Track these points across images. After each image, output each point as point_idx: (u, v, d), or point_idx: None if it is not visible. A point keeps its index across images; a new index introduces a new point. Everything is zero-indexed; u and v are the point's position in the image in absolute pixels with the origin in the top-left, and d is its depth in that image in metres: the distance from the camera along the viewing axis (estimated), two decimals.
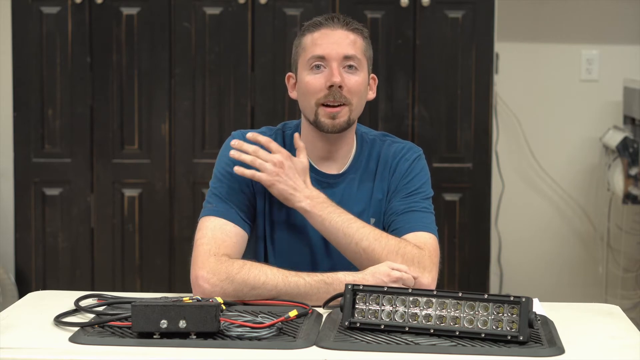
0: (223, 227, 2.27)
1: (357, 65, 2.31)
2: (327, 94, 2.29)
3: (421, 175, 2.39)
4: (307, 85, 2.31)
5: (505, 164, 4.53)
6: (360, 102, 2.34)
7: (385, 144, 2.42)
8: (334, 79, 2.28)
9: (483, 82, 4.01)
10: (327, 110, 2.30)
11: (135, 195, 4.05)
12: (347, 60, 2.30)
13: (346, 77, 2.30)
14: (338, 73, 2.29)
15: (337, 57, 2.29)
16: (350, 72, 2.31)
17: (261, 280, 2.15)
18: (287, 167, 2.27)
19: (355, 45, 2.32)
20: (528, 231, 4.59)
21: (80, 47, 4.00)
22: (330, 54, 2.29)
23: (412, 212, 2.33)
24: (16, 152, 4.05)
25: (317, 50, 2.30)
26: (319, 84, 2.30)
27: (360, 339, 1.91)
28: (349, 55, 2.30)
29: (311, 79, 2.31)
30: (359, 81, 2.31)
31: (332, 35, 2.32)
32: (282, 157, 2.28)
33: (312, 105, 2.31)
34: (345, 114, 2.31)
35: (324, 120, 2.31)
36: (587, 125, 4.54)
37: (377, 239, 2.22)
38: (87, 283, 4.03)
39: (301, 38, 2.36)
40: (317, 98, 2.30)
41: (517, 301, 1.89)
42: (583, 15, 4.50)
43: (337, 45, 2.30)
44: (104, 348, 1.85)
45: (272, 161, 2.26)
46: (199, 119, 4.02)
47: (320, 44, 2.30)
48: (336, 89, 2.28)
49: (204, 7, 3.99)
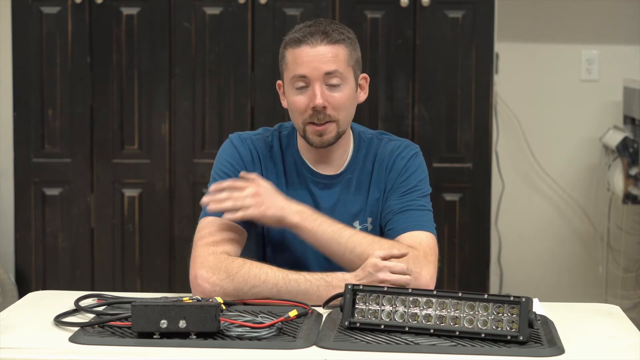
0: (222, 227, 2.27)
1: (340, 79, 2.29)
2: (312, 114, 2.28)
3: (418, 173, 2.38)
4: (293, 105, 2.31)
5: (505, 164, 4.53)
6: (348, 113, 2.32)
7: (382, 142, 2.42)
8: (316, 102, 2.26)
9: (483, 82, 4.00)
10: (314, 128, 2.30)
11: (135, 195, 4.05)
12: (329, 77, 2.27)
13: (329, 96, 2.27)
14: (320, 94, 2.26)
15: (319, 77, 2.27)
16: (334, 88, 2.28)
17: (261, 279, 2.15)
18: (263, 193, 2.26)
19: (337, 59, 2.28)
20: (528, 231, 4.59)
21: (80, 47, 4.00)
22: (312, 73, 2.27)
23: (408, 210, 2.33)
24: (16, 152, 4.05)
25: (298, 69, 2.28)
26: (303, 104, 2.29)
27: (360, 339, 1.91)
28: (330, 71, 2.27)
29: (296, 99, 2.30)
30: (343, 97, 2.29)
31: (312, 52, 2.27)
32: (253, 187, 2.25)
33: (299, 123, 2.31)
34: (332, 129, 2.30)
35: (312, 137, 2.31)
36: (587, 125, 4.54)
37: (370, 244, 2.22)
38: (87, 283, 4.03)
39: (284, 51, 2.32)
40: (303, 117, 2.30)
41: (517, 301, 1.89)
42: (583, 15, 4.50)
43: (318, 63, 2.26)
44: (104, 348, 1.85)
45: (248, 195, 2.24)
46: (199, 119, 4.02)
47: (301, 64, 2.27)
48: (320, 109, 2.28)
49: (204, 7, 3.99)
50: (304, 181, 2.38)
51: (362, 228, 2.37)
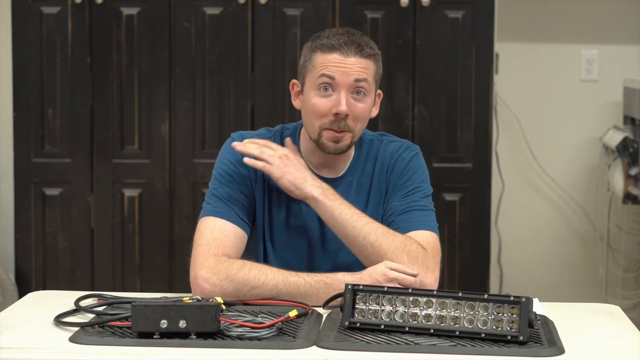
0: (222, 228, 2.27)
1: (366, 90, 2.29)
2: (333, 121, 2.28)
3: (419, 174, 2.38)
4: (313, 107, 2.29)
5: (505, 164, 4.53)
6: (362, 126, 2.33)
7: (382, 144, 2.42)
8: (341, 109, 2.26)
9: (483, 82, 4.01)
10: (331, 134, 2.29)
11: (135, 195, 4.05)
12: (356, 85, 2.28)
13: (352, 105, 2.28)
14: (346, 102, 2.27)
15: (347, 84, 2.27)
16: (358, 97, 2.29)
17: (261, 280, 2.15)
18: (293, 160, 2.29)
19: (367, 71, 2.29)
20: (528, 231, 4.59)
21: (80, 47, 4.00)
22: (341, 79, 2.27)
23: (411, 211, 2.33)
24: (16, 152, 4.05)
25: (327, 70, 2.27)
26: (326, 108, 2.28)
27: (360, 339, 1.91)
28: (359, 79, 2.28)
29: (318, 101, 2.29)
30: (365, 108, 2.30)
31: (345, 61, 2.27)
32: (286, 151, 2.30)
33: (315, 127, 2.30)
34: (348, 138, 2.30)
35: (327, 143, 2.30)
36: (587, 125, 4.54)
37: (385, 234, 2.23)
38: (87, 283, 4.03)
39: (312, 53, 2.31)
40: (322, 122, 2.29)
41: (517, 301, 1.89)
42: (583, 15, 4.50)
43: (349, 71, 2.27)
44: (104, 348, 1.85)
45: (278, 155, 2.28)
46: (199, 119, 4.02)
47: (331, 67, 2.27)
48: (342, 117, 2.28)
49: (204, 7, 3.99)
50: None
51: None
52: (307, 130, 2.35)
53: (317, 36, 2.33)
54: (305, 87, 2.33)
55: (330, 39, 2.28)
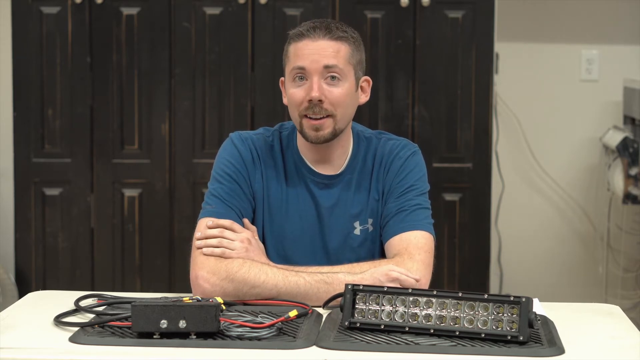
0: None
1: (340, 75, 2.28)
2: (308, 107, 2.28)
3: (415, 172, 2.38)
4: (290, 97, 2.31)
5: (505, 164, 4.53)
6: (346, 111, 2.32)
7: (380, 142, 2.42)
8: (313, 94, 2.26)
9: (483, 82, 4.00)
10: (310, 122, 2.29)
11: (135, 195, 4.05)
12: (328, 71, 2.27)
13: (327, 90, 2.27)
14: (317, 87, 2.26)
15: (318, 69, 2.27)
16: (333, 83, 2.28)
17: (261, 279, 2.15)
18: (254, 244, 2.27)
19: (338, 55, 2.28)
20: (528, 231, 4.59)
21: (80, 47, 4.00)
22: (311, 66, 2.27)
23: (401, 212, 2.32)
24: (16, 152, 4.05)
25: (298, 61, 2.28)
26: (300, 96, 2.29)
27: (360, 339, 1.91)
28: (330, 65, 2.27)
29: (294, 91, 2.30)
30: (341, 93, 2.29)
31: (313, 46, 2.27)
32: (247, 235, 2.27)
33: (296, 116, 2.31)
34: (329, 125, 2.29)
35: (308, 132, 2.30)
36: (587, 125, 4.54)
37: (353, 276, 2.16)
38: (87, 283, 4.03)
39: (287, 46, 2.33)
40: (299, 110, 2.30)
41: (517, 301, 1.89)
42: (583, 15, 4.50)
43: (318, 57, 2.27)
44: (104, 348, 1.85)
45: (240, 239, 2.25)
46: (199, 119, 4.02)
47: (301, 56, 2.27)
48: (316, 103, 2.27)
49: (204, 7, 3.99)
50: (304, 181, 2.38)
51: (362, 229, 2.37)
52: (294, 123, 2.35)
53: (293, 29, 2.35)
54: (285, 81, 2.34)
55: (300, 28, 2.31)
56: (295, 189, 2.37)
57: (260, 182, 2.36)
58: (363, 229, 2.37)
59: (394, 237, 2.29)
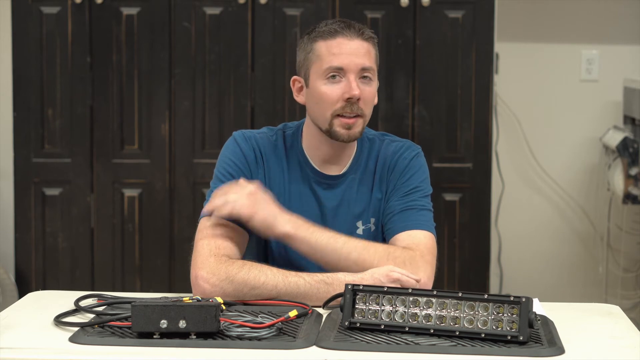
0: (223, 228, 2.26)
1: (372, 75, 2.32)
2: (345, 106, 2.29)
3: (419, 173, 2.39)
4: (323, 96, 2.30)
5: (505, 164, 4.53)
6: (371, 111, 2.35)
7: (384, 143, 2.42)
8: (354, 92, 2.27)
9: (483, 82, 4.01)
10: (343, 121, 2.30)
11: (135, 195, 4.05)
12: (363, 72, 2.30)
13: (362, 89, 2.29)
14: (356, 85, 2.28)
15: (355, 69, 2.28)
16: (365, 82, 2.31)
17: (261, 280, 2.15)
18: (259, 197, 2.25)
19: (370, 56, 2.31)
20: (528, 231, 4.59)
21: (80, 47, 4.00)
22: (349, 65, 2.28)
23: (408, 210, 2.33)
24: (16, 152, 4.05)
25: (334, 61, 2.28)
26: (336, 95, 2.29)
27: (360, 339, 1.91)
28: (366, 67, 2.30)
29: (328, 89, 2.29)
30: (372, 92, 2.32)
31: (349, 45, 2.29)
32: (253, 187, 2.25)
33: (326, 115, 2.30)
34: (360, 124, 2.31)
35: (339, 130, 2.30)
36: (587, 125, 4.55)
37: (366, 248, 2.22)
38: (87, 283, 4.03)
39: (313, 44, 2.32)
40: (333, 109, 2.29)
41: (517, 301, 1.89)
42: (583, 15, 4.50)
43: (355, 57, 2.28)
44: (104, 348, 1.85)
45: (245, 193, 2.24)
46: (199, 119, 4.02)
47: (338, 54, 2.28)
48: (354, 102, 2.28)
49: (204, 7, 3.99)
50: (308, 181, 2.38)
51: (365, 228, 2.37)
52: (316, 122, 2.34)
53: (312, 29, 2.34)
54: (310, 79, 2.33)
55: (329, 26, 2.31)
56: (299, 189, 2.37)
57: (263, 181, 2.35)
58: (365, 229, 2.37)
59: (402, 233, 2.29)
